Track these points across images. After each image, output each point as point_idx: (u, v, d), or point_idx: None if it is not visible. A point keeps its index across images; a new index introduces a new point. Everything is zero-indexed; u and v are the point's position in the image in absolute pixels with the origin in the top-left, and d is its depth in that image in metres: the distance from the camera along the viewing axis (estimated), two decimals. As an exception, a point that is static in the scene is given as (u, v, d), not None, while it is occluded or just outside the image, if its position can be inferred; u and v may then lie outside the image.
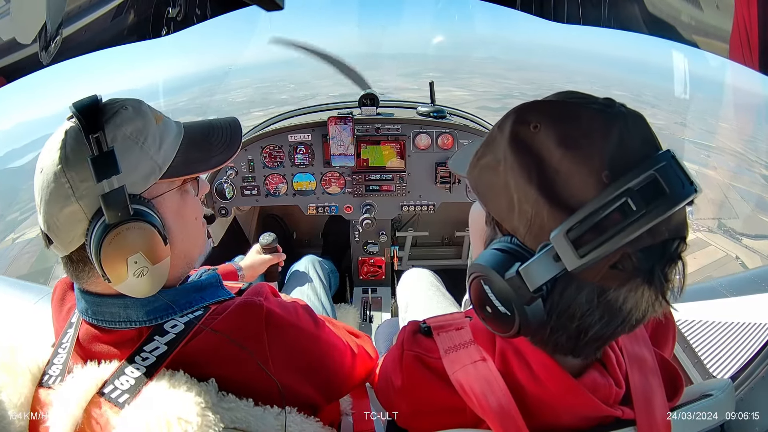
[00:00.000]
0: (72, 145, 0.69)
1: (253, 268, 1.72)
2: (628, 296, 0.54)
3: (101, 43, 1.15)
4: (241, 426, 0.71)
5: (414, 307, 1.67)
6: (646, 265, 0.52)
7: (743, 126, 53.89)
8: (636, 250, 0.51)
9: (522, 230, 0.56)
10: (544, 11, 1.24)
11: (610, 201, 0.49)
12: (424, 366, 0.76)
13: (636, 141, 0.53)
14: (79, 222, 0.69)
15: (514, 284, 0.54)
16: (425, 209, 2.34)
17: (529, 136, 0.56)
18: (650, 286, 0.53)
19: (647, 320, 0.58)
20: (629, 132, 0.53)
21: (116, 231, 0.67)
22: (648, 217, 0.48)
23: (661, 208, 0.49)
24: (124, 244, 0.68)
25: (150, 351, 0.72)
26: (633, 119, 0.55)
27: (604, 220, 0.50)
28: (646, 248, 0.51)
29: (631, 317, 0.56)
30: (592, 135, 0.53)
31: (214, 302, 0.81)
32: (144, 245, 0.69)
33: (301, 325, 0.86)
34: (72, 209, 0.68)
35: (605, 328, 0.56)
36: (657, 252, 0.52)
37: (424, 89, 2.35)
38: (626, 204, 0.49)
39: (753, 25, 0.74)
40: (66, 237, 0.71)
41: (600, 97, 0.58)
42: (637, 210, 0.49)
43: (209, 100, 72.47)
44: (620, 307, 0.55)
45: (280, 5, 0.76)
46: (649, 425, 0.63)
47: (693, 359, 1.43)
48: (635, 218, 0.49)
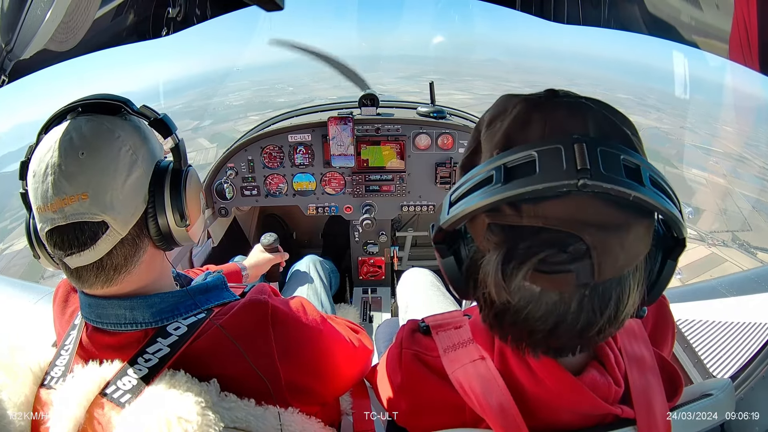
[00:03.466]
0: (119, 122, 0.74)
1: (257, 267, 1.73)
2: (485, 266, 0.54)
3: (101, 43, 1.15)
4: (242, 426, 0.71)
5: (414, 306, 1.67)
6: (506, 242, 0.52)
7: (751, 130, 53.25)
8: (494, 222, 0.52)
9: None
10: (544, 11, 1.24)
11: (483, 171, 0.52)
12: (423, 364, 0.76)
13: (550, 126, 0.53)
14: (142, 187, 0.73)
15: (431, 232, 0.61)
16: (425, 209, 2.34)
17: (480, 123, 0.62)
18: (506, 264, 0.51)
19: (564, 333, 0.54)
20: (546, 118, 0.53)
21: (188, 172, 0.80)
22: (500, 188, 0.49)
23: (516, 184, 0.49)
24: (196, 181, 0.82)
25: (153, 353, 0.72)
26: (564, 108, 0.54)
27: (474, 188, 0.53)
28: (512, 227, 0.51)
29: (530, 313, 0.53)
30: (505, 118, 0.56)
31: (218, 304, 0.82)
32: (199, 185, 0.84)
33: (305, 321, 0.87)
34: (137, 174, 0.73)
35: (506, 307, 0.54)
36: (524, 234, 0.51)
37: (424, 92, 2.36)
38: (492, 175, 0.51)
39: (753, 25, 0.74)
40: (128, 209, 0.71)
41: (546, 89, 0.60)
42: (495, 182, 0.50)
43: (206, 103, 72.22)
44: (491, 280, 0.53)
45: (280, 5, 0.76)
46: (648, 424, 0.63)
47: (693, 359, 1.43)
48: (491, 189, 0.50)
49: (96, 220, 0.68)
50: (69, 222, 0.67)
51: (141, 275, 0.76)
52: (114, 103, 0.74)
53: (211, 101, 77.25)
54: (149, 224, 0.74)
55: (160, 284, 0.81)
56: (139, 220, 0.73)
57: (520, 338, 0.58)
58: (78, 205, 0.67)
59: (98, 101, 0.74)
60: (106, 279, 0.72)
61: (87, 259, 0.69)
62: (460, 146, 2.20)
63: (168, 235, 0.76)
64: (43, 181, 0.67)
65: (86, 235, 0.68)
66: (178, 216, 0.76)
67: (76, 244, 0.68)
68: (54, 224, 0.68)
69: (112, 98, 0.74)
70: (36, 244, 0.74)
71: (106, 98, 0.74)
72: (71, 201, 0.67)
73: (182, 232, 0.78)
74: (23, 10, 0.79)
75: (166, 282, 0.84)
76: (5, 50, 0.82)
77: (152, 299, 0.76)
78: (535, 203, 0.49)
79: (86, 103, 0.74)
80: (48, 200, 0.67)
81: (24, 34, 0.82)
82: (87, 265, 0.70)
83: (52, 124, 0.74)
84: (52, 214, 0.67)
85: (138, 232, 0.74)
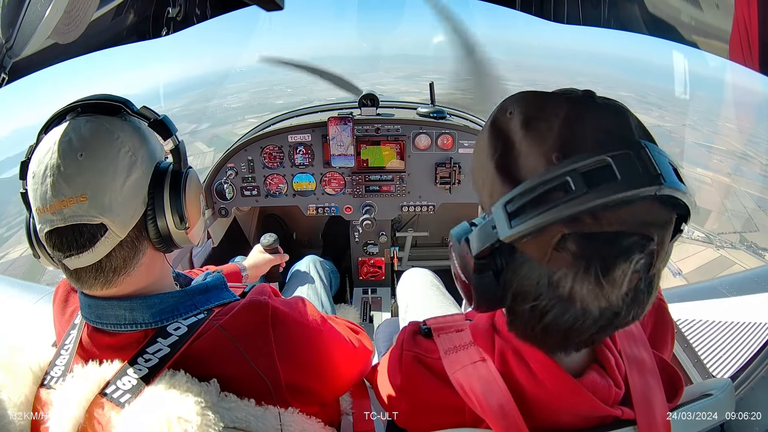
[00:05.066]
0: (118, 123, 0.73)
1: (256, 267, 1.72)
2: (569, 283, 0.51)
3: (101, 43, 1.15)
4: (242, 426, 0.71)
5: (414, 307, 1.67)
6: (587, 252, 0.50)
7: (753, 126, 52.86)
8: (575, 233, 0.49)
9: (487, 205, 0.59)
10: (544, 11, 1.25)
11: (553, 179, 0.49)
12: (423, 366, 0.76)
13: (603, 129, 0.53)
14: (141, 189, 0.73)
15: (464, 249, 0.58)
16: (425, 210, 2.34)
17: (504, 122, 0.59)
18: (586, 274, 0.50)
19: (612, 327, 0.55)
20: (598, 120, 0.53)
21: (188, 174, 0.79)
22: (584, 197, 0.47)
23: (602, 192, 0.47)
24: (196, 183, 0.81)
25: (153, 353, 0.72)
26: (609, 109, 0.55)
27: (543, 196, 0.49)
28: (591, 234, 0.49)
29: (586, 314, 0.53)
30: (552, 119, 0.54)
31: (218, 305, 0.82)
32: (199, 187, 0.83)
33: (305, 321, 0.87)
34: (137, 176, 0.72)
35: (560, 317, 0.54)
36: (603, 241, 0.49)
37: (424, 92, 2.35)
38: (567, 183, 0.48)
39: (753, 25, 0.74)
40: (128, 211, 0.70)
41: (582, 90, 0.59)
42: (576, 190, 0.48)
43: (204, 106, 71.81)
44: (569, 296, 0.52)
45: (280, 5, 0.76)
46: (648, 425, 0.63)
47: (693, 359, 1.43)
48: (571, 197, 0.48)
49: (95, 222, 0.68)
50: (68, 224, 0.67)
51: (140, 277, 0.76)
52: (114, 104, 0.74)
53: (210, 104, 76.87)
54: (148, 226, 0.74)
55: (160, 285, 0.81)
56: (138, 223, 0.73)
57: (564, 344, 0.59)
58: (77, 207, 0.66)
59: (98, 102, 0.74)
60: (105, 281, 0.72)
61: (85, 261, 0.69)
62: (460, 146, 2.20)
63: (167, 237, 0.76)
64: (42, 183, 0.67)
65: (85, 237, 0.68)
66: (178, 218, 0.75)
67: (75, 246, 0.68)
68: (53, 226, 0.67)
69: (112, 99, 0.74)
70: (36, 244, 0.74)
71: (105, 99, 0.74)
72: (70, 203, 0.66)
73: (182, 234, 0.77)
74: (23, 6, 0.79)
75: (166, 283, 0.83)
76: (5, 47, 0.81)
77: (152, 300, 0.76)
78: (614, 209, 0.48)
79: (86, 103, 0.74)
80: (47, 202, 0.67)
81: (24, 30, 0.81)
82: (86, 266, 0.70)
83: (52, 124, 0.74)
84: (51, 216, 0.67)
85: (137, 235, 0.73)
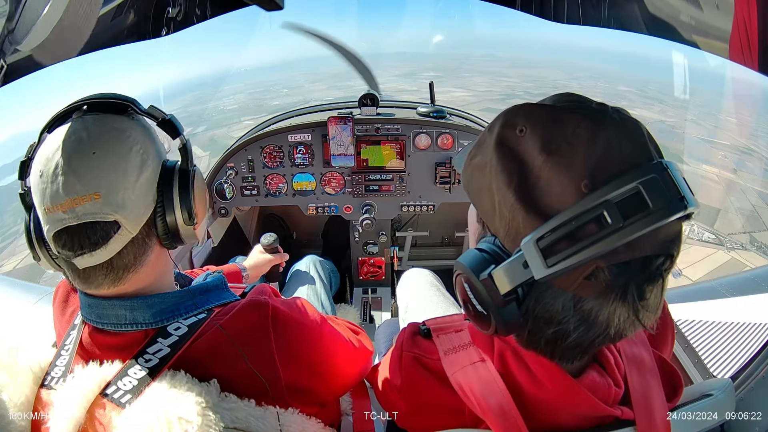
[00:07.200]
0: (127, 122, 0.73)
1: (257, 267, 1.72)
2: (602, 310, 0.52)
3: (101, 43, 1.15)
4: (242, 426, 0.71)
5: (414, 307, 1.67)
6: (620, 280, 0.50)
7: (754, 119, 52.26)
8: (611, 264, 0.49)
9: (502, 233, 0.57)
10: (544, 11, 1.24)
11: (586, 212, 0.48)
12: (423, 367, 0.76)
13: (625, 150, 0.51)
14: (151, 186, 0.74)
15: (487, 286, 0.55)
16: (425, 209, 2.34)
17: (515, 140, 0.56)
18: (623, 302, 0.51)
19: (628, 336, 0.56)
20: (618, 140, 0.51)
21: (194, 171, 0.81)
22: (623, 232, 0.46)
23: (639, 224, 0.46)
24: (202, 181, 0.84)
25: (153, 353, 0.72)
26: (626, 126, 0.53)
27: (577, 231, 0.48)
28: (624, 263, 0.49)
29: (609, 330, 0.54)
30: (576, 141, 0.51)
31: (219, 305, 0.82)
32: (205, 185, 0.86)
33: (305, 321, 0.87)
34: (148, 173, 0.73)
35: (584, 336, 0.55)
36: (635, 267, 0.50)
37: (423, 90, 2.34)
38: (602, 216, 0.47)
39: (753, 25, 0.74)
40: (139, 209, 0.72)
41: (595, 101, 0.57)
42: (613, 224, 0.46)
43: (201, 108, 71.67)
44: (596, 319, 0.53)
45: (280, 5, 0.76)
46: (648, 425, 0.63)
47: (693, 359, 1.43)
48: (609, 232, 0.47)
49: (108, 220, 0.68)
50: (81, 222, 0.66)
51: (146, 274, 0.77)
52: (121, 103, 0.74)
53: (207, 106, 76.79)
54: (158, 223, 0.75)
55: (161, 284, 0.81)
56: (148, 219, 0.74)
57: (579, 356, 0.61)
58: (90, 205, 0.66)
59: (105, 100, 0.74)
60: (115, 278, 0.72)
61: (99, 258, 0.69)
62: (460, 146, 2.20)
63: (175, 233, 0.77)
64: (53, 182, 0.66)
65: (98, 235, 0.68)
66: (187, 214, 0.78)
67: (88, 244, 0.67)
68: (64, 224, 0.66)
69: (120, 98, 0.74)
70: (38, 246, 0.73)
71: (113, 97, 0.74)
72: (83, 201, 0.65)
73: (189, 230, 0.80)
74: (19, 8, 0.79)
75: (167, 282, 0.84)
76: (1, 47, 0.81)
77: (152, 299, 0.76)
78: (644, 237, 0.48)
79: (92, 101, 0.73)
80: (58, 200, 0.65)
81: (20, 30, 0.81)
82: (96, 265, 0.70)
83: (55, 123, 0.73)
84: (63, 215, 0.66)
85: (147, 231, 0.74)
